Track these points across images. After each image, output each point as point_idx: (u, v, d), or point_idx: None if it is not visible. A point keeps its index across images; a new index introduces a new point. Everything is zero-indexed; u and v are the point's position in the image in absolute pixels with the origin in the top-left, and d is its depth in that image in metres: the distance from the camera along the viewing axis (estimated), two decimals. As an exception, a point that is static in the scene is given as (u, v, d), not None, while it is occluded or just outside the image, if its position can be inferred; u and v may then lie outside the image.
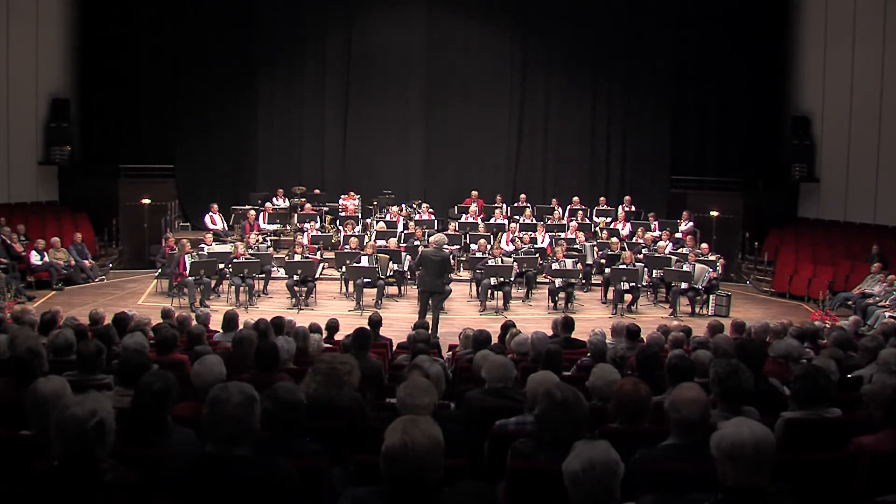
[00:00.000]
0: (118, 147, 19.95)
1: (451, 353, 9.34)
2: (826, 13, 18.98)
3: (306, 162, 21.60)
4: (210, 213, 18.69)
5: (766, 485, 2.99)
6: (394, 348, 9.49)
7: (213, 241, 16.47)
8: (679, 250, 16.46)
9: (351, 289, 15.29)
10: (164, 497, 3.14)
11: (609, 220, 18.81)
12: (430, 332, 10.23)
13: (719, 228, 18.79)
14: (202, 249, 15.50)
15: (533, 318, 13.97)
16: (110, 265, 18.54)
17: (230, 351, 6.92)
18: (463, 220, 18.50)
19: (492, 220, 18.48)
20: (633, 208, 19.35)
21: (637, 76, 21.12)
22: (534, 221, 18.33)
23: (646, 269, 15.36)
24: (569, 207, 19.36)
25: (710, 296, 15.10)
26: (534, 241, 17.30)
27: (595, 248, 16.93)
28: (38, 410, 3.78)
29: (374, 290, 14.82)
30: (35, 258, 16.14)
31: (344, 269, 15.18)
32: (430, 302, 12.61)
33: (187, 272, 14.39)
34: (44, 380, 3.96)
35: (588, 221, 18.75)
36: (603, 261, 16.32)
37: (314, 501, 3.57)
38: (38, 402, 3.81)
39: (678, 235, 17.77)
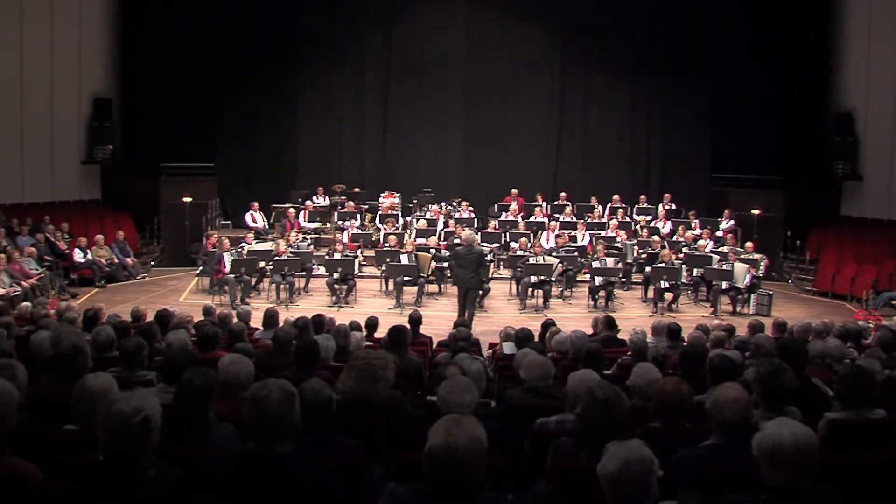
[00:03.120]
0: (160, 146, 20.17)
1: (490, 351, 9.32)
2: (870, 9, 18.56)
3: (346, 160, 21.69)
4: (251, 212, 18.84)
5: (809, 485, 2.95)
6: (434, 346, 9.51)
7: (254, 239, 16.66)
8: (720, 249, 16.26)
9: (391, 287, 15.34)
10: (206, 494, 3.17)
11: (649, 218, 18.64)
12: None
13: (761, 227, 18.49)
14: (243, 247, 15.68)
15: (573, 316, 13.89)
16: (152, 263, 18.81)
17: (270, 349, 6.99)
18: (503, 218, 18.45)
19: (532, 218, 18.41)
20: (673, 206, 19.14)
21: (677, 72, 20.86)
22: (574, 219, 18.22)
23: (686, 267, 15.20)
24: (609, 205, 19.20)
25: (752, 295, 14.89)
26: (574, 239, 17.20)
27: (635, 247, 16.78)
28: (85, 406, 3.82)
29: (415, 288, 14.86)
30: (78, 256, 16.44)
31: (384, 267, 15.23)
32: (466, 298, 12.62)
33: (228, 270, 14.55)
34: (92, 376, 4.01)
35: (628, 219, 18.60)
36: (643, 257, 16.18)
37: (354, 499, 3.58)
38: (86, 397, 3.85)
39: (719, 234, 17.54)
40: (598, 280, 14.85)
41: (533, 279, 14.77)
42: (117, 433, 3.06)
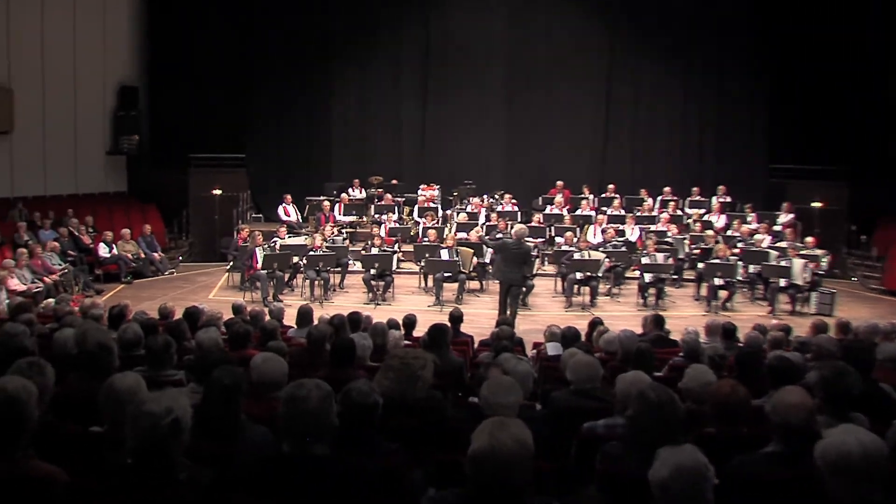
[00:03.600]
0: (188, 136, 20.35)
1: (535, 351, 9.29)
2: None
3: (383, 151, 21.75)
4: (283, 205, 18.98)
5: (880, 499, 2.87)
6: (475, 346, 9.50)
7: (287, 233, 16.76)
8: (778, 244, 16.02)
9: (430, 283, 15.35)
10: (239, 497, 3.19)
11: (703, 211, 18.43)
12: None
13: (823, 221, 18.15)
14: (275, 242, 15.79)
15: (621, 315, 13.79)
16: (180, 258, 18.99)
17: (305, 347, 7.02)
18: (548, 211, 18.39)
19: (578, 212, 18.32)
20: (728, 199, 18.89)
21: (732, 58, 20.59)
22: (623, 213, 18.09)
23: (742, 263, 15.01)
24: (660, 198, 19.04)
25: (812, 293, 14.64)
26: (622, 233, 17.08)
27: (688, 242, 16.62)
28: (113, 406, 3.87)
29: (455, 285, 14.86)
30: (103, 250, 16.66)
31: (423, 262, 15.26)
32: (510, 296, 12.59)
33: (260, 265, 14.67)
34: (120, 376, 4.06)
35: (680, 213, 18.41)
36: (696, 253, 16.00)
37: (394, 503, 3.59)
38: (113, 398, 3.90)
39: (777, 228, 17.28)
40: (647, 277, 14.73)
41: (579, 275, 14.69)
42: (147, 434, 3.08)
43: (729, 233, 16.98)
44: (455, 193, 19.73)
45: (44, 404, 3.84)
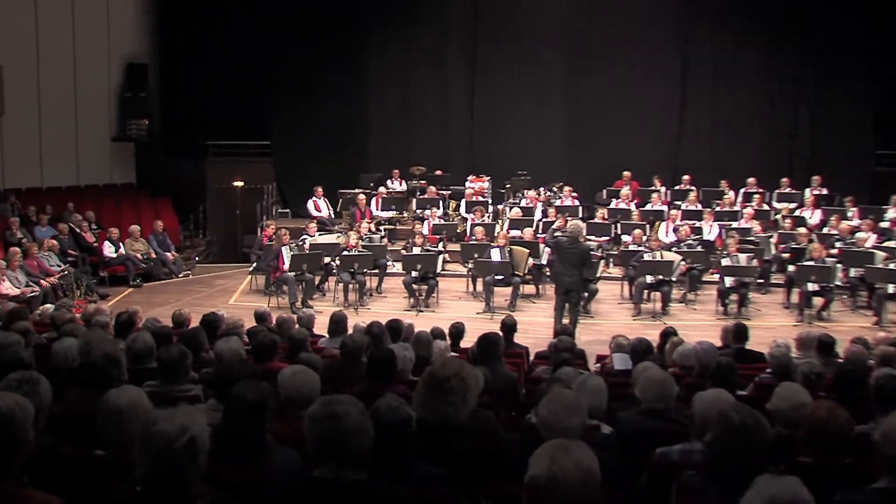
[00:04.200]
0: (205, 120, 20.51)
1: (599, 365, 9.23)
2: None
3: (426, 138, 21.77)
4: (314, 198, 19.09)
5: None
6: (531, 358, 9.46)
7: (318, 230, 16.84)
8: (886, 244, 15.71)
9: (479, 287, 15.32)
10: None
11: (794, 205, 18.16)
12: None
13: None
14: (304, 240, 15.88)
15: (698, 324, 13.65)
16: (197, 258, 19.20)
17: (338, 360, 7.03)
18: (613, 205, 18.30)
19: (648, 206, 18.19)
20: (825, 191, 18.60)
21: (829, 27, 20.23)
22: (700, 208, 17.91)
23: (841, 266, 14.76)
24: (743, 191, 18.83)
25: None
26: (699, 231, 16.89)
27: (775, 241, 16.40)
28: (113, 426, 3.88)
29: (508, 290, 14.81)
30: (109, 250, 16.83)
31: (471, 264, 15.22)
32: (568, 302, 12.51)
33: (287, 267, 14.74)
34: (116, 391, 4.04)
35: (767, 207, 18.17)
36: (786, 256, 15.77)
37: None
38: (112, 416, 3.90)
39: (885, 224, 16.95)
40: (728, 281, 14.55)
41: (649, 279, 14.57)
42: (159, 458, 3.06)
43: (825, 230, 16.71)
44: (507, 186, 19.68)
45: (40, 424, 3.84)
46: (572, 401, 4.28)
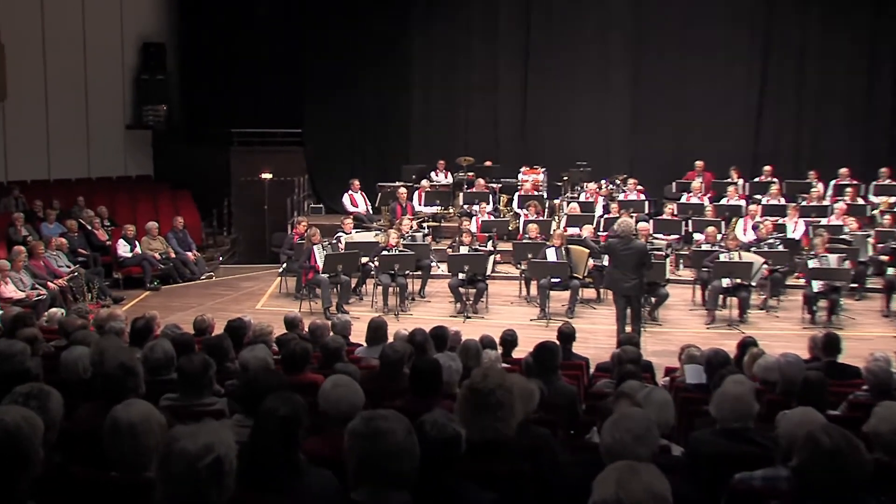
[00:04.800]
0: (230, 106, 20.63)
1: (668, 378, 9.17)
2: None
3: (475, 126, 21.80)
4: (350, 192, 19.15)
5: None
6: (591, 370, 9.43)
7: (354, 227, 16.91)
8: None
9: (534, 291, 15.29)
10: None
11: (894, 199, 17.91)
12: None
13: None
14: (340, 238, 15.95)
15: (781, 334, 13.53)
16: (220, 258, 19.35)
17: (377, 371, 7.04)
18: (684, 200, 18.18)
19: (724, 201, 18.05)
20: (929, 183, 18.38)
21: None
22: (783, 202, 17.75)
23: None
24: (834, 183, 18.62)
25: None
26: (783, 229, 16.72)
27: (872, 240, 16.15)
28: (121, 444, 3.86)
29: (566, 294, 14.77)
30: (123, 249, 16.94)
31: (525, 265, 15.19)
32: (630, 308, 12.43)
33: (321, 268, 14.80)
34: (122, 406, 4.01)
35: (862, 202, 17.95)
36: (884, 258, 15.53)
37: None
38: (121, 433, 3.87)
39: None
40: (816, 285, 14.38)
41: (725, 283, 14.43)
42: (180, 480, 3.03)
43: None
44: (565, 178, 19.63)
45: (49, 441, 3.85)
46: (641, 424, 4.18)
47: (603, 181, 19.24)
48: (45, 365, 6.64)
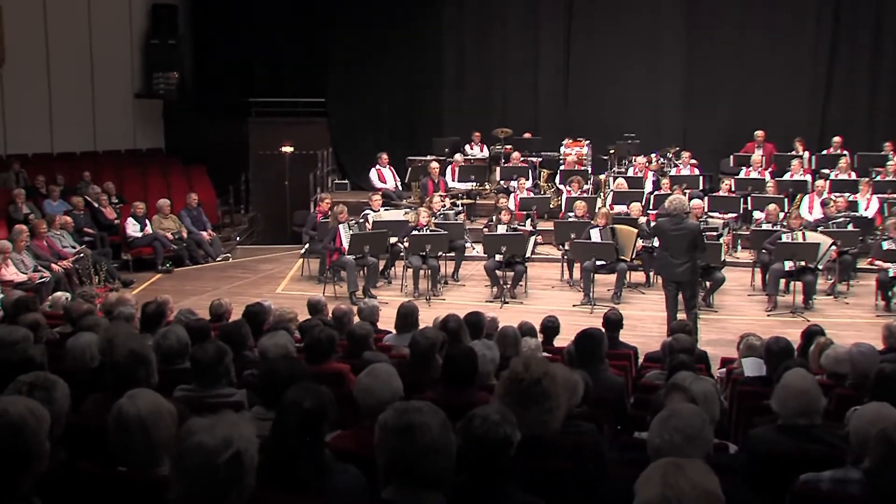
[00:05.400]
0: (247, 73, 20.65)
1: (724, 370, 9.13)
2: None
3: (513, 95, 21.78)
4: (377, 167, 19.15)
5: None
6: (640, 360, 9.42)
7: (383, 205, 16.91)
8: None
9: (577, 274, 15.26)
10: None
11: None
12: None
13: None
14: (367, 217, 15.98)
15: (851, 322, 13.45)
16: (238, 238, 19.42)
17: (407, 360, 7.05)
18: (743, 175, 18.07)
19: (787, 176, 17.92)
20: None
21: None
22: (854, 177, 17.63)
23: None
24: (911, 155, 18.43)
25: None
26: (854, 206, 16.57)
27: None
28: (129, 439, 3.85)
29: (612, 277, 14.74)
30: (133, 228, 16.98)
31: (567, 246, 15.16)
32: (681, 296, 12.33)
33: (346, 249, 14.82)
34: (128, 399, 3.99)
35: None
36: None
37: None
38: (128, 427, 3.87)
39: None
40: (892, 269, 14.27)
41: (788, 266, 14.33)
42: (198, 476, 3.02)
43: None
44: (612, 151, 19.57)
45: (55, 435, 3.87)
46: (694, 423, 4.12)
47: (653, 154, 19.16)
48: (49, 353, 6.58)
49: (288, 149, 19.61)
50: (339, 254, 14.98)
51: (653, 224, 13.34)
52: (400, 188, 19.19)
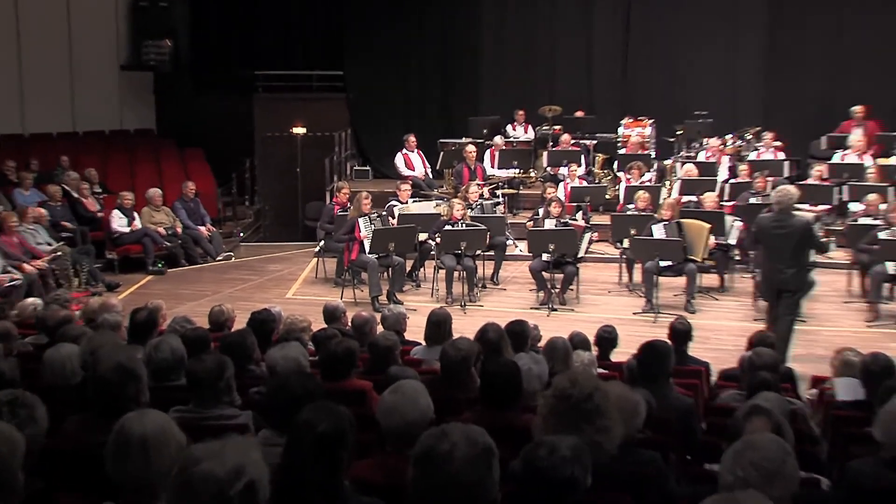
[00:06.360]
0: (252, 42, 20.71)
1: (816, 391, 9.08)
2: None
3: (563, 68, 21.78)
4: (404, 151, 19.19)
5: None
6: (714, 378, 9.39)
7: (411, 196, 16.91)
8: None
9: (638, 277, 15.24)
10: None
11: None
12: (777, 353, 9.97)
13: None
14: (392, 210, 16.01)
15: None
16: (241, 234, 19.47)
17: (438, 376, 7.06)
18: (838, 159, 17.94)
19: (893, 160, 17.79)
20: None
21: None
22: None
23: None
24: None
25: None
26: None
27: None
28: (130, 464, 3.82)
29: (680, 281, 14.70)
30: (119, 222, 17.03)
31: (627, 243, 15.12)
32: (781, 305, 12.19)
33: (368, 246, 14.82)
34: (136, 415, 3.99)
35: None
36: None
37: None
38: (132, 450, 3.83)
39: None
40: None
41: (892, 268, 14.24)
42: None
43: None
44: (679, 132, 19.51)
45: (30, 462, 3.89)
46: (775, 457, 4.07)
47: (728, 136, 19.09)
48: (22, 367, 6.69)
49: (300, 130, 19.65)
50: (360, 246, 14.93)
51: (755, 223, 12.84)
52: (430, 176, 19.23)
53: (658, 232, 14.73)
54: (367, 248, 14.77)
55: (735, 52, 21.07)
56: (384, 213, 15.79)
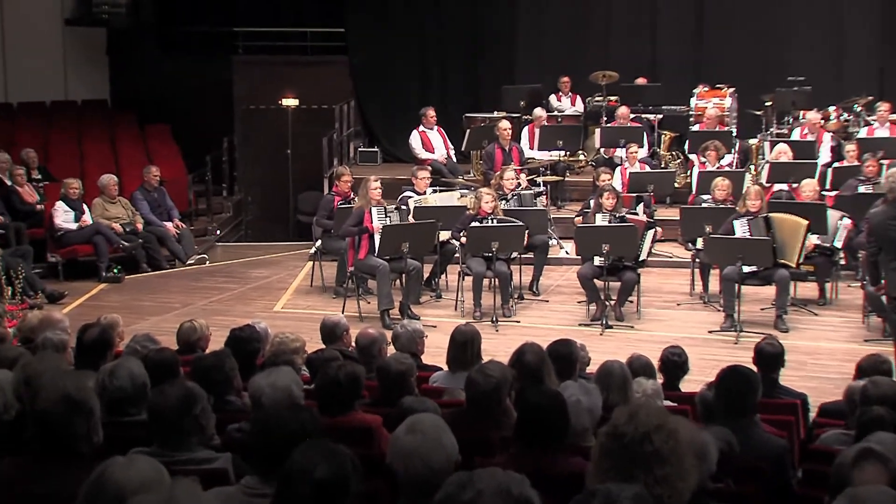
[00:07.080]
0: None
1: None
2: None
3: (619, 24, 21.77)
4: (421, 129, 19.19)
5: None
6: (813, 414, 9.34)
7: (430, 184, 16.90)
8: None
9: (715, 286, 15.21)
10: None
11: None
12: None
13: None
14: (406, 201, 15.98)
15: None
16: (218, 232, 19.48)
17: (464, 408, 7.06)
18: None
19: None
20: None
21: None
22: None
23: None
24: None
25: None
26: None
27: None
28: None
29: (769, 291, 14.65)
30: (64, 217, 17.05)
31: (701, 243, 15.09)
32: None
33: (377, 246, 14.81)
34: (121, 464, 4.02)
35: None
36: None
37: None
38: (102, 499, 3.87)
39: None
40: None
41: None
42: None
43: None
44: (768, 103, 19.48)
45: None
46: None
47: (831, 108, 19.04)
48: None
49: (291, 102, 19.68)
50: (370, 242, 14.87)
51: (867, 220, 12.66)
52: (454, 159, 19.23)
53: (740, 229, 14.68)
54: (377, 248, 14.78)
55: (836, 7, 21.07)
56: (402, 206, 15.62)
